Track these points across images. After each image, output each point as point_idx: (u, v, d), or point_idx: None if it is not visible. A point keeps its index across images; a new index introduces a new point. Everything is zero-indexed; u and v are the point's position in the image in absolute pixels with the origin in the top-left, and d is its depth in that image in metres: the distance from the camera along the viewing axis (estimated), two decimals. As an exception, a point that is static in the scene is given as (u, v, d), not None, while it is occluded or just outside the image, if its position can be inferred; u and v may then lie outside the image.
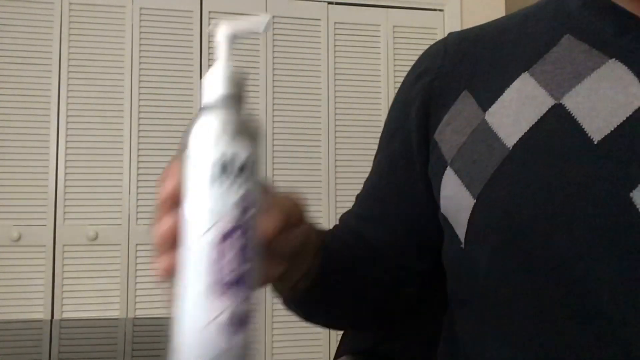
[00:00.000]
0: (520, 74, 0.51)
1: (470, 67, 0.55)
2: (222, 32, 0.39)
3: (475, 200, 0.50)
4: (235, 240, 0.34)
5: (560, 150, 0.46)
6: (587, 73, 0.48)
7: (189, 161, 0.35)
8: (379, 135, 0.64)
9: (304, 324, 0.62)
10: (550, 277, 0.45)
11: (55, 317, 2.01)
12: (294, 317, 0.59)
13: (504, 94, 0.51)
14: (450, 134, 0.54)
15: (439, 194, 0.55)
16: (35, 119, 2.06)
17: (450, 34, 0.61)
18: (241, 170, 0.35)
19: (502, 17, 0.60)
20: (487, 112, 0.52)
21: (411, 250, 0.59)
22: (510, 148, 0.49)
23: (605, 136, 0.45)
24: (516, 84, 0.51)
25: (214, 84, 0.37)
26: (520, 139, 0.48)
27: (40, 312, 2.01)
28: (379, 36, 2.35)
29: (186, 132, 0.37)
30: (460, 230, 0.51)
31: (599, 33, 0.49)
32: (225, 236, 0.34)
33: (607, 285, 0.42)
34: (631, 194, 0.43)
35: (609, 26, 0.49)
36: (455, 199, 0.52)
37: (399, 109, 0.61)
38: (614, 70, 0.47)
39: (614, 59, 0.47)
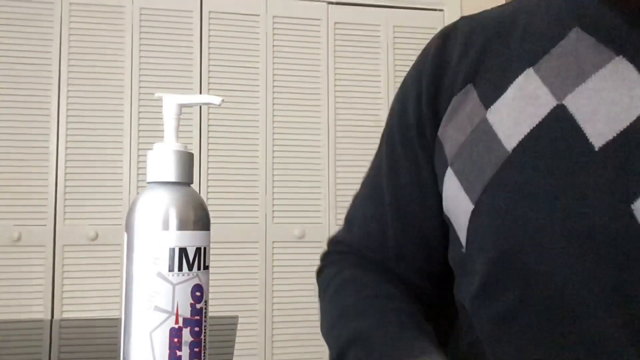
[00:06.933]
0: (524, 70, 0.48)
1: (477, 60, 0.52)
2: (169, 104, 0.39)
3: (473, 206, 0.48)
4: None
5: (561, 156, 0.43)
6: (592, 71, 0.44)
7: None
8: (379, 135, 0.62)
9: (304, 324, 0.62)
10: (543, 292, 0.43)
11: (55, 317, 2.01)
12: (294, 317, 0.58)
13: (507, 91, 0.48)
14: (452, 131, 0.52)
15: (442, 193, 0.53)
16: (35, 118, 2.06)
17: (462, 19, 0.57)
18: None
19: (516, 1, 0.56)
20: (488, 110, 0.49)
21: (421, 254, 0.57)
22: (510, 152, 0.46)
23: (607, 142, 0.42)
24: (519, 81, 0.48)
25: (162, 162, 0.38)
26: (520, 142, 0.46)
27: (40, 312, 2.01)
28: (379, 36, 2.35)
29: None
30: (462, 234, 0.49)
31: (609, 26, 0.45)
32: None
33: (600, 299, 0.40)
34: (632, 206, 0.40)
35: (621, 18, 0.45)
36: (456, 201, 0.50)
37: (408, 101, 0.57)
38: (620, 70, 0.43)
39: (620, 57, 0.44)
